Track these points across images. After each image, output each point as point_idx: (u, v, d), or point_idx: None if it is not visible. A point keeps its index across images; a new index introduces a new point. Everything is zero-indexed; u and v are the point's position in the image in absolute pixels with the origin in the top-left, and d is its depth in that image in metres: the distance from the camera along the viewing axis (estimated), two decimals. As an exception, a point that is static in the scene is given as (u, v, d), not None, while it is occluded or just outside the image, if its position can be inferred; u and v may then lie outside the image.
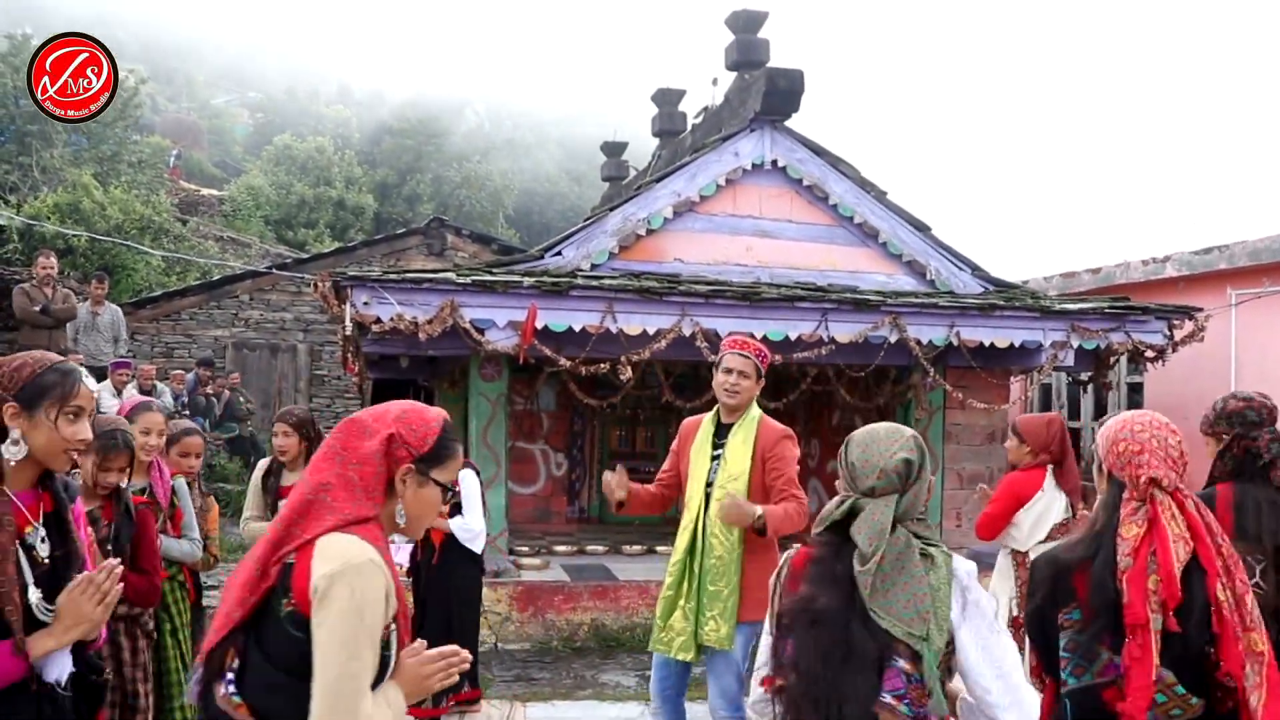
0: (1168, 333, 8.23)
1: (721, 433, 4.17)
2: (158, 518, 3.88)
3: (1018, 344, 7.94)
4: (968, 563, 2.36)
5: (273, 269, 15.81)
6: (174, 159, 24.70)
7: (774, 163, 8.31)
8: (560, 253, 7.90)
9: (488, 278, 7.10)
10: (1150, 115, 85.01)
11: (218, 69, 42.99)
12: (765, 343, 5.55)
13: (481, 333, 7.03)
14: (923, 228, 8.58)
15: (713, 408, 4.30)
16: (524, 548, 8.57)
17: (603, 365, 7.33)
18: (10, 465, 2.20)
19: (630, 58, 67.29)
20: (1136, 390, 10.02)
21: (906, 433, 2.39)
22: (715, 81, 9.77)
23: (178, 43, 41.20)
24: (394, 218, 27.02)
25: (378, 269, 8.70)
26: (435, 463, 2.09)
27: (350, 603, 1.86)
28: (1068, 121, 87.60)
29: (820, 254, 8.39)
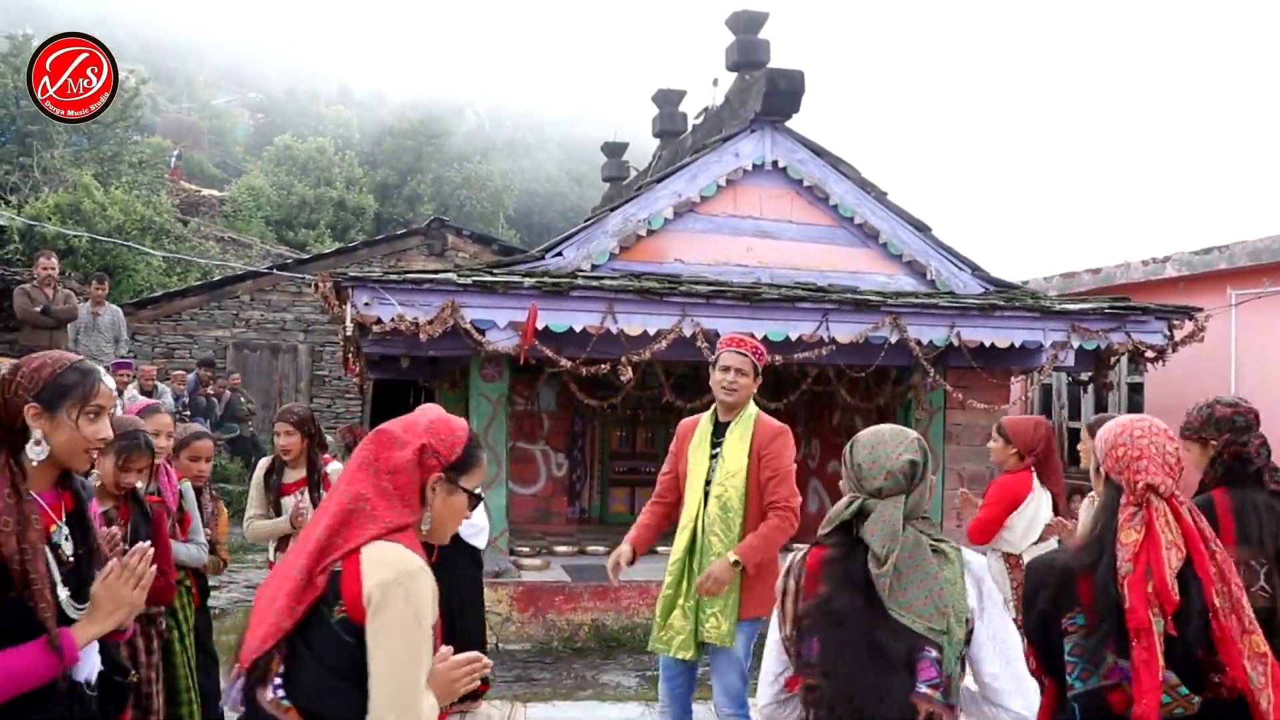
0: (1168, 333, 8.24)
1: (719, 431, 4.18)
2: (168, 519, 3.89)
3: (1018, 344, 7.94)
4: (978, 556, 2.40)
5: (273, 269, 15.82)
6: (174, 159, 24.73)
7: (774, 163, 8.31)
8: (561, 253, 7.91)
9: (488, 278, 7.11)
10: (1150, 115, 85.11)
11: (218, 69, 43.03)
12: (766, 343, 5.56)
13: (482, 333, 7.04)
14: (923, 228, 8.59)
15: (712, 408, 4.30)
16: (524, 548, 8.57)
17: (603, 366, 7.34)
18: (33, 466, 2.20)
19: (631, 58, 67.42)
20: (1137, 390, 10.02)
21: (911, 435, 2.41)
22: (716, 82, 9.77)
23: (178, 43, 41.26)
24: (395, 218, 27.03)
25: (378, 269, 8.71)
26: (463, 471, 2.15)
27: (408, 609, 1.94)
28: (1067, 121, 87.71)
29: (821, 254, 8.39)
